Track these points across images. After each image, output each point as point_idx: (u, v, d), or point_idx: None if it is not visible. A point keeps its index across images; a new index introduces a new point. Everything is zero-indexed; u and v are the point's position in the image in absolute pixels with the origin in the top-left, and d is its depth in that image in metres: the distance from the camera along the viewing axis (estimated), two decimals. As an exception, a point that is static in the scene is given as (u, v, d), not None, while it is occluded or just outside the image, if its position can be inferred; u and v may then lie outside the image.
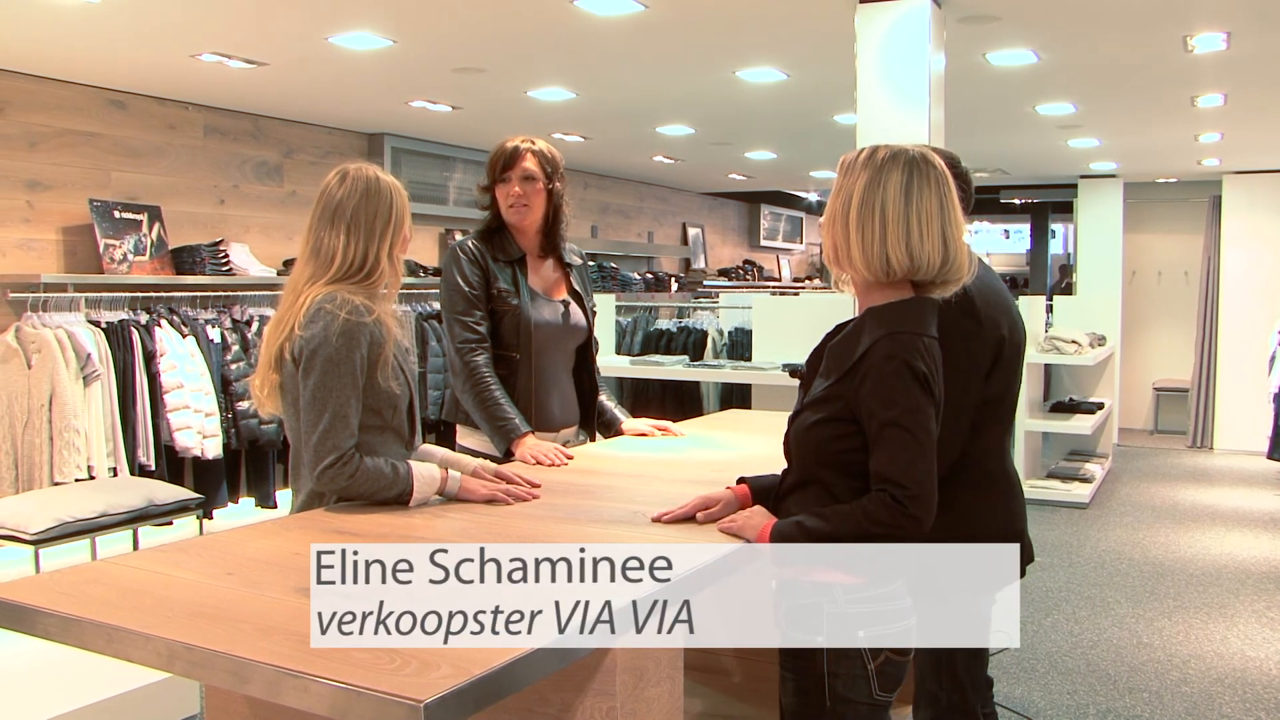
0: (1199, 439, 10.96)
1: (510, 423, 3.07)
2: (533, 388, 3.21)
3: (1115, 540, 6.92)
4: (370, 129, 8.03)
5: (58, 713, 3.54)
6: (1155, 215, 11.91)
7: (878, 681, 2.05)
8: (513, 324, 3.19)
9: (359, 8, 4.69)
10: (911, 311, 2.06)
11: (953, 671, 2.63)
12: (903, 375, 1.98)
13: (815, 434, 2.08)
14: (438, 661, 1.48)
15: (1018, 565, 2.66)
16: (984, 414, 2.56)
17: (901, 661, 2.09)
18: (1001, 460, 2.67)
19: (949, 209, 2.07)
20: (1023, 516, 2.72)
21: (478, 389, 3.11)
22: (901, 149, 2.10)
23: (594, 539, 2.17)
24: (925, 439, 1.98)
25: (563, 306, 3.30)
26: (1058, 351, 8.08)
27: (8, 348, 5.47)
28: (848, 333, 2.14)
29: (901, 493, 1.95)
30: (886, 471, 1.97)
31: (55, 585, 1.86)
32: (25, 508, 4.59)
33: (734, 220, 13.98)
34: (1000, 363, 2.59)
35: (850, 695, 2.05)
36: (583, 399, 3.41)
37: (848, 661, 2.04)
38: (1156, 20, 4.91)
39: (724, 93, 6.62)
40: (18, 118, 5.86)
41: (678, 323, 8.41)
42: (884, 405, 1.98)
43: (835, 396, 2.05)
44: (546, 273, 3.34)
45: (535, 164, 3.20)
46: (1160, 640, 5.00)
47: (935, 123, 4.52)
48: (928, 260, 2.04)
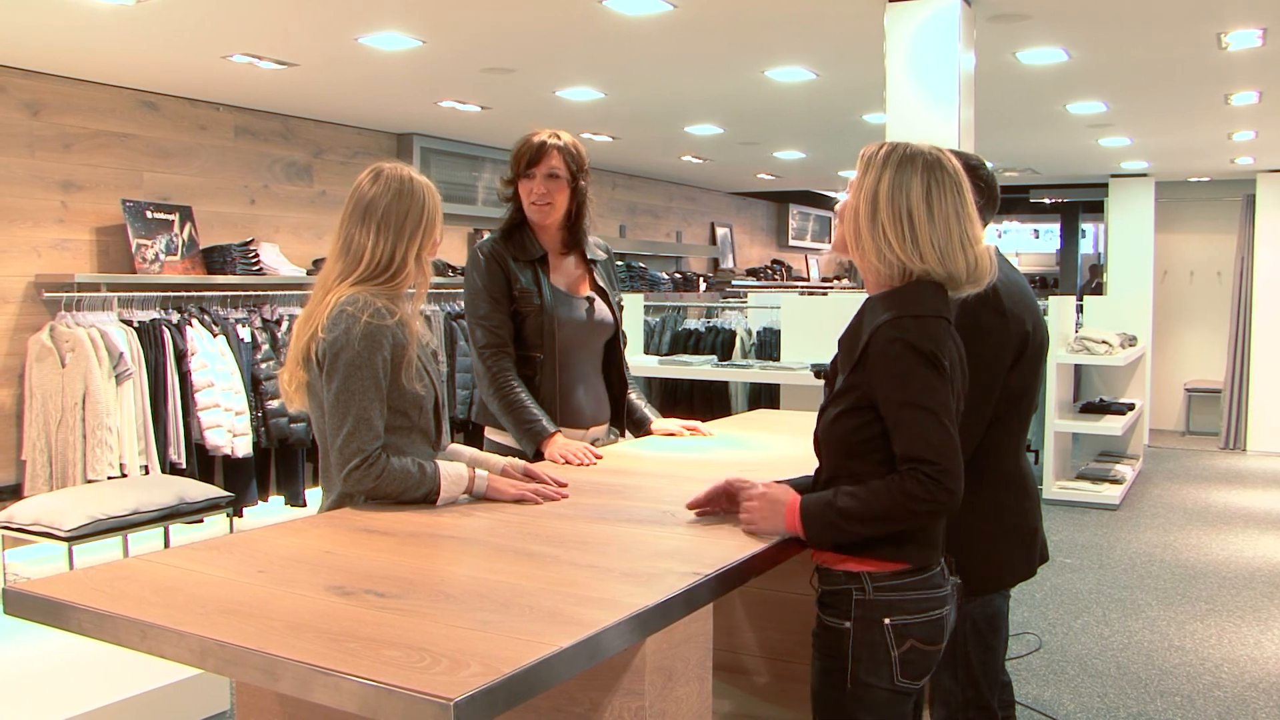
0: (1232, 440, 10.85)
1: (538, 424, 3.04)
2: (558, 388, 3.18)
3: (1146, 542, 6.86)
4: (399, 129, 8.06)
5: (91, 707, 3.58)
6: (1187, 215, 11.80)
7: (900, 668, 2.06)
8: (536, 325, 3.15)
9: (389, 8, 4.71)
10: (912, 294, 2.06)
11: (967, 668, 2.65)
12: (907, 356, 1.98)
13: (839, 426, 2.09)
14: (468, 660, 1.48)
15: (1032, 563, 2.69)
16: (1003, 409, 2.57)
17: (929, 650, 2.10)
18: (1016, 458, 2.69)
19: (965, 213, 2.09)
20: (1036, 515, 2.73)
21: (502, 393, 3.09)
22: (919, 150, 2.11)
23: (623, 539, 2.18)
24: (944, 414, 1.98)
25: (587, 303, 3.26)
26: (1088, 352, 8.01)
27: (42, 347, 5.53)
28: (852, 323, 2.16)
29: (932, 469, 1.95)
30: (912, 451, 1.97)
31: (89, 582, 1.87)
32: (59, 505, 4.64)
33: (762, 220, 13.96)
34: (1024, 358, 2.59)
35: (871, 680, 2.06)
36: (612, 396, 3.38)
37: (871, 646, 2.05)
38: (1190, 17, 4.86)
39: (753, 92, 6.61)
40: (53, 119, 5.92)
41: (706, 322, 8.40)
42: (896, 388, 1.99)
43: (852, 387, 2.06)
44: (569, 269, 3.29)
45: (560, 162, 3.14)
46: (1192, 643, 4.95)
47: (965, 122, 4.50)
48: (953, 262, 2.06)
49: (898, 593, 2.06)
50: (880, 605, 2.05)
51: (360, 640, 1.57)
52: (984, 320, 2.48)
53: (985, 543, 2.57)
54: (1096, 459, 9.12)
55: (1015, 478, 2.67)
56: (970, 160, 2.67)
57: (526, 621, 1.65)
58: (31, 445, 5.56)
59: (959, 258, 2.06)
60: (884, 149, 2.13)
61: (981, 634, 2.66)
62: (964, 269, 2.07)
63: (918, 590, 2.08)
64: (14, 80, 5.73)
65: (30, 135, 5.82)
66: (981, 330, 2.47)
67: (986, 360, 2.47)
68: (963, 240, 2.07)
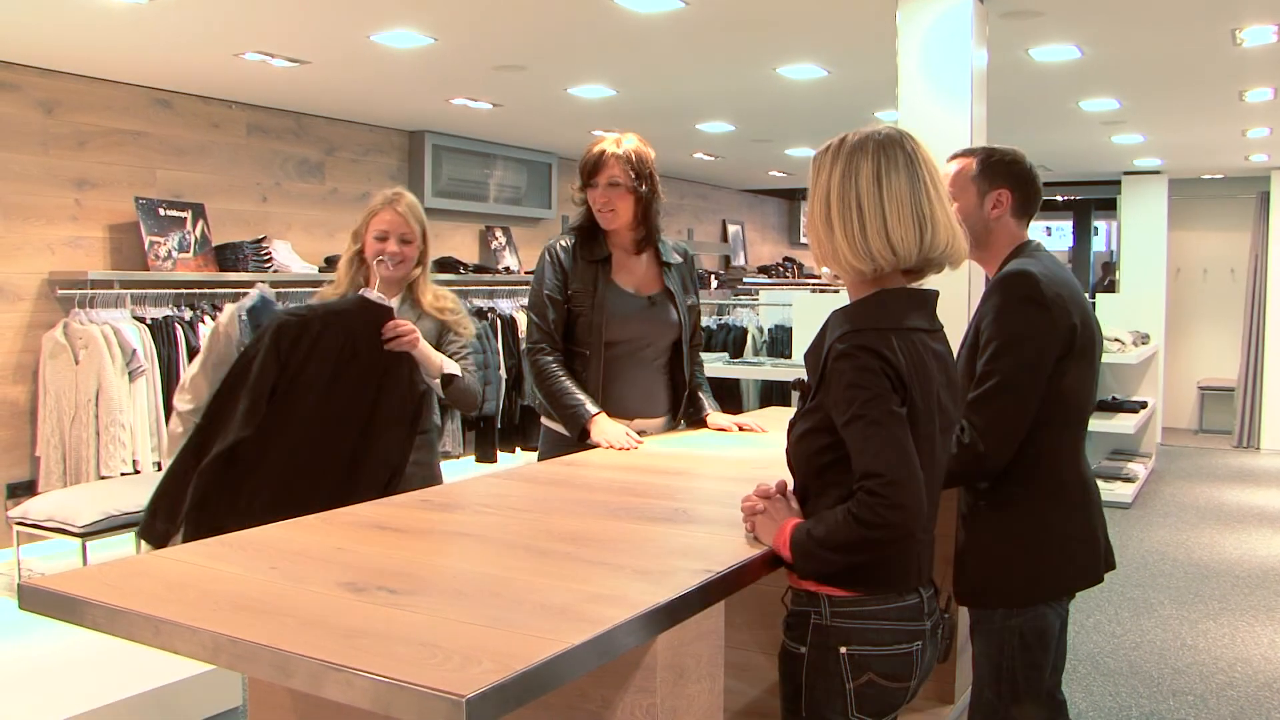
0: (1245, 438, 10.80)
1: (580, 407, 3.20)
2: (601, 383, 3.31)
3: (1158, 541, 6.84)
4: (411, 127, 8.07)
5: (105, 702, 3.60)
6: (1201, 212, 11.75)
7: (855, 702, 1.94)
8: (586, 323, 3.31)
9: (400, 6, 4.71)
10: (869, 308, 1.96)
11: (1011, 682, 2.49)
12: (855, 370, 1.87)
13: (803, 446, 2.01)
14: (479, 657, 1.48)
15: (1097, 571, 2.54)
16: (1054, 412, 2.42)
17: (891, 687, 1.96)
18: (1076, 466, 2.53)
19: (920, 186, 1.93)
20: (1096, 522, 2.55)
21: (545, 382, 3.28)
22: (870, 132, 1.97)
23: (635, 537, 2.18)
24: (893, 424, 1.85)
25: (647, 303, 3.38)
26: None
27: (56, 344, 5.55)
28: (815, 338, 2.06)
29: (877, 482, 1.81)
30: (860, 466, 1.85)
31: (103, 577, 1.88)
32: (73, 501, 4.66)
33: (774, 217, 13.94)
34: (1072, 354, 2.43)
35: (825, 712, 1.95)
36: (675, 396, 3.49)
37: (824, 676, 1.95)
38: (1204, 13, 4.84)
39: (764, 89, 6.60)
40: (67, 118, 5.94)
41: (718, 320, 8.40)
42: (845, 405, 1.87)
43: (816, 407, 1.97)
44: (639, 269, 3.42)
45: (620, 171, 3.26)
46: (1205, 643, 4.93)
47: (977, 119, 4.48)
48: (903, 244, 1.92)
49: (858, 620, 1.95)
50: (837, 632, 1.94)
51: (372, 636, 1.57)
52: (1021, 313, 2.39)
53: (1035, 550, 2.45)
54: (1109, 457, 9.09)
55: (1076, 487, 2.52)
56: (1006, 155, 2.62)
57: (538, 618, 1.66)
58: (45, 442, 5.58)
59: (913, 232, 1.92)
60: (832, 144, 2.00)
61: (1029, 648, 2.47)
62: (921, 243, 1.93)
63: (881, 620, 1.95)
64: (29, 79, 5.76)
65: (45, 133, 5.84)
66: (1020, 323, 2.39)
67: (1027, 356, 2.37)
68: (917, 214, 1.92)
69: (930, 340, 1.99)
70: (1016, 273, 2.46)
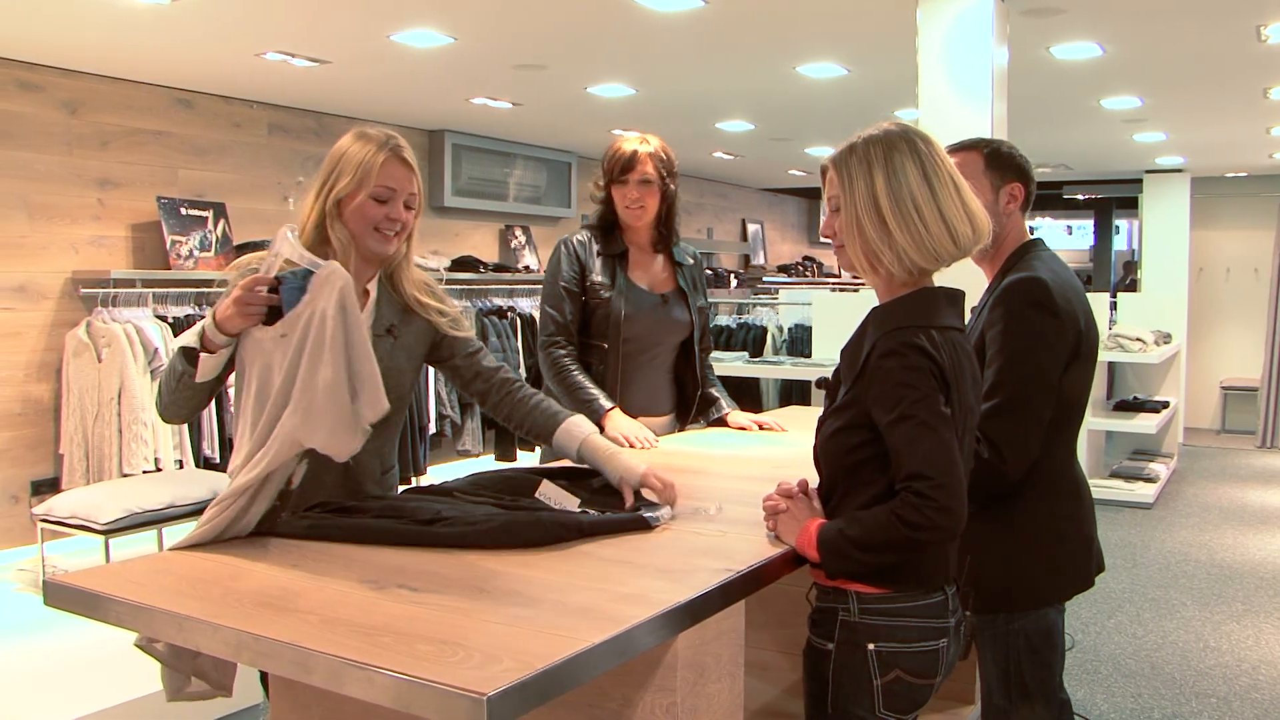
0: (1269, 439, 10.73)
1: (594, 402, 3.21)
2: (617, 377, 3.33)
3: (1181, 541, 6.80)
4: (431, 126, 8.09)
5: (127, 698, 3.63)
6: (1224, 211, 11.67)
7: (883, 699, 1.94)
8: (603, 315, 3.32)
9: (421, 6, 4.72)
10: (911, 306, 1.97)
11: (1021, 685, 2.49)
12: (905, 369, 1.88)
13: (835, 444, 2.00)
14: (500, 655, 1.48)
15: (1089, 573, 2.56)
16: (1055, 414, 2.43)
17: (918, 684, 1.97)
18: (1070, 466, 2.55)
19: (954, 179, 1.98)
20: (1091, 523, 2.59)
21: (559, 376, 3.30)
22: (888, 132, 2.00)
23: (655, 535, 2.18)
24: (941, 426, 1.86)
25: (660, 301, 3.40)
26: (1122, 349, 7.95)
27: (79, 342, 5.59)
28: (855, 335, 2.06)
29: (926, 485, 1.82)
30: (907, 467, 1.85)
31: (126, 574, 1.89)
32: (96, 498, 4.69)
33: (793, 216, 13.92)
34: (1078, 358, 2.45)
35: (852, 708, 1.96)
36: (683, 396, 3.51)
37: (852, 672, 1.95)
38: (1228, 9, 4.80)
39: (784, 88, 6.59)
40: (90, 118, 5.98)
41: (737, 319, 8.38)
42: (892, 403, 1.87)
43: (851, 402, 1.96)
44: (654, 268, 3.44)
45: (652, 167, 3.29)
46: (1228, 645, 4.90)
47: (998, 117, 4.47)
48: (962, 235, 1.95)
49: (887, 618, 1.95)
50: (865, 629, 1.95)
51: (393, 634, 1.58)
52: (1031, 318, 2.38)
53: (1038, 553, 2.46)
54: (1130, 457, 9.05)
55: (1069, 485, 2.54)
56: (1004, 147, 2.61)
57: (559, 617, 1.66)
58: (68, 439, 5.62)
59: (967, 228, 1.96)
60: (857, 148, 2.01)
61: (1037, 650, 2.48)
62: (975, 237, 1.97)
63: (910, 618, 1.96)
64: (52, 79, 5.80)
65: (68, 133, 5.88)
66: (1031, 328, 2.38)
67: (1041, 362, 2.37)
68: (966, 210, 1.96)
69: (960, 339, 2.00)
70: (1027, 280, 2.43)
